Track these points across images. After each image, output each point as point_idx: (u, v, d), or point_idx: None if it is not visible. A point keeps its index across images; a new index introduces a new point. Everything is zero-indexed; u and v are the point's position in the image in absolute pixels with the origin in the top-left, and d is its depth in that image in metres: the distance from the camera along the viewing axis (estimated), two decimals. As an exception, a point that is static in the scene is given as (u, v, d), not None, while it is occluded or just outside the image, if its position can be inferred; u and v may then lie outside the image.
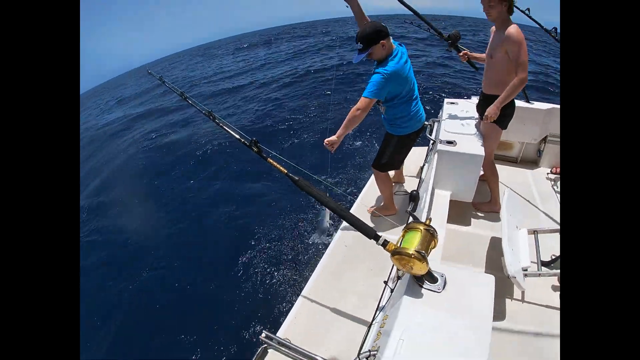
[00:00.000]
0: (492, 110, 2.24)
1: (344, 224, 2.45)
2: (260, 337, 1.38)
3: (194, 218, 4.93)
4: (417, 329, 1.15)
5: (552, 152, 3.19)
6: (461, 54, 2.68)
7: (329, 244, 2.32)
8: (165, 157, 7.56)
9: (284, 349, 1.34)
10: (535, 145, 3.26)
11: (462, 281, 1.31)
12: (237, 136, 1.45)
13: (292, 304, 1.90)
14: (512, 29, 2.03)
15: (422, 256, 1.13)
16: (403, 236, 1.23)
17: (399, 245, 1.19)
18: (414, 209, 1.32)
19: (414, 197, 1.30)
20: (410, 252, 1.13)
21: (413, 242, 1.17)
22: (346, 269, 2.08)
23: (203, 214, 4.94)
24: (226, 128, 1.48)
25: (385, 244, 1.24)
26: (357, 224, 1.29)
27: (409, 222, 1.27)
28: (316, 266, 2.12)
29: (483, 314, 1.19)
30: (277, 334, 1.66)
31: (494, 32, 2.22)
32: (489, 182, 2.60)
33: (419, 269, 1.16)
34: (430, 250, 1.21)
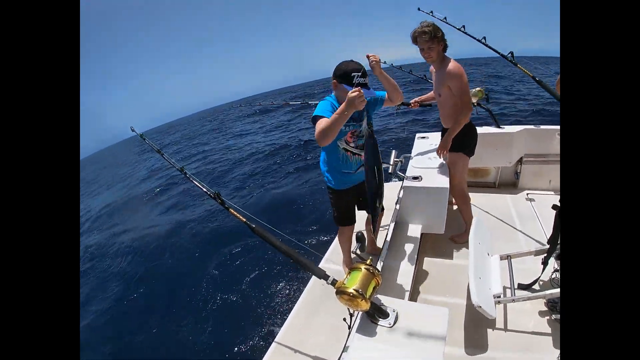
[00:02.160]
0: (441, 142, 2.34)
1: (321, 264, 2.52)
2: None
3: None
4: None
5: (530, 172, 3.18)
6: (411, 103, 2.81)
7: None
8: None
9: None
10: (512, 167, 3.27)
11: (415, 316, 1.36)
12: (204, 189, 1.63)
13: (274, 337, 1.99)
14: (451, 66, 2.13)
15: (359, 294, 1.22)
16: (348, 274, 1.33)
17: (344, 283, 1.29)
18: (362, 249, 1.41)
19: (359, 238, 1.40)
20: (350, 291, 1.23)
21: (354, 281, 1.26)
22: (322, 306, 2.14)
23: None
24: (195, 182, 1.67)
25: (334, 282, 1.34)
26: (307, 266, 1.40)
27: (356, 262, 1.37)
28: (295, 303, 2.20)
29: (433, 349, 1.21)
30: None
31: (435, 72, 2.31)
32: (461, 211, 2.58)
33: (361, 306, 1.25)
34: (373, 288, 1.29)
